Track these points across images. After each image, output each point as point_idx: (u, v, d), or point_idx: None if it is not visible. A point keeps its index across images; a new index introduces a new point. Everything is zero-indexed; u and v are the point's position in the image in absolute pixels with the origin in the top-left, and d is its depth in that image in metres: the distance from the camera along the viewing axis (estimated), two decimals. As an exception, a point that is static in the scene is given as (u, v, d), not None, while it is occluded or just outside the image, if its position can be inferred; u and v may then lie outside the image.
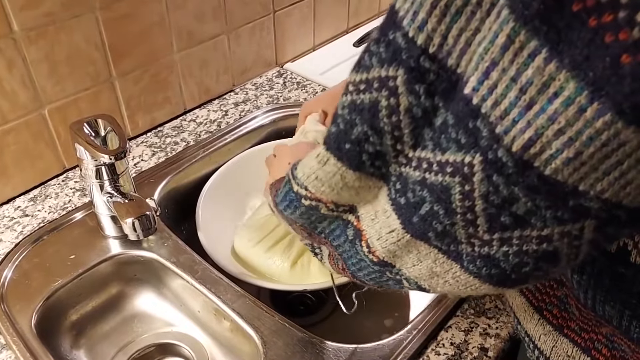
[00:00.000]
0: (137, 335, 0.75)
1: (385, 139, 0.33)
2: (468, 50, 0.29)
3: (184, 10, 0.90)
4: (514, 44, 0.26)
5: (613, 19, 0.23)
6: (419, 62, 0.30)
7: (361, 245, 0.39)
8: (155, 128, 0.95)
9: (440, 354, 0.62)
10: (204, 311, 0.72)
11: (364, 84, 0.33)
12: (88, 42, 0.80)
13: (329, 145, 0.36)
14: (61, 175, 0.85)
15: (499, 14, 0.27)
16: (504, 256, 0.32)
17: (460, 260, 0.34)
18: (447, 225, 0.32)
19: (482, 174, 0.29)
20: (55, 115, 0.81)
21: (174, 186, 0.85)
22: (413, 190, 0.33)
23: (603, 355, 0.44)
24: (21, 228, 0.76)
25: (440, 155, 0.31)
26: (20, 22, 0.72)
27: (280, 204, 0.44)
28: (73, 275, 0.70)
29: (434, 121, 0.31)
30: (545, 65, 0.25)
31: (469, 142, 0.29)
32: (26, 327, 0.64)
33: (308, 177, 0.38)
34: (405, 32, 0.30)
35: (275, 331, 0.64)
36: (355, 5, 1.25)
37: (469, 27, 0.29)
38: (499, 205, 0.29)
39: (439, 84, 0.30)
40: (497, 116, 0.27)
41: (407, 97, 0.31)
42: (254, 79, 1.09)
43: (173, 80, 0.94)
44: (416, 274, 0.37)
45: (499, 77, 0.27)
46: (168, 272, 0.73)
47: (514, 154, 0.27)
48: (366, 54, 0.33)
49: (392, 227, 0.36)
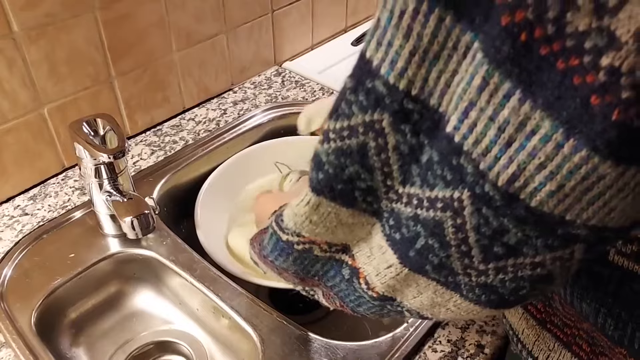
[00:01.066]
0: (136, 333, 0.75)
1: (376, 175, 0.34)
2: (448, 90, 0.30)
3: (183, 10, 0.90)
4: (489, 86, 0.27)
5: (579, 63, 0.24)
6: (402, 105, 0.31)
7: (359, 282, 0.39)
8: (154, 127, 0.96)
9: (437, 351, 0.62)
10: (203, 309, 0.73)
11: (347, 130, 0.33)
12: (88, 42, 0.80)
13: (319, 190, 0.36)
14: (60, 174, 0.86)
15: (474, 57, 0.28)
16: (500, 283, 0.33)
17: (460, 290, 0.35)
18: (443, 257, 0.33)
19: (471, 207, 0.30)
20: (55, 114, 0.81)
21: (173, 185, 0.86)
22: (407, 226, 0.34)
23: (583, 351, 0.45)
24: (21, 227, 0.77)
25: (429, 192, 0.32)
26: (20, 22, 0.72)
27: (270, 255, 0.44)
28: (72, 273, 0.71)
29: (420, 158, 0.32)
30: (520, 105, 0.26)
31: (455, 178, 0.30)
32: (26, 325, 0.65)
33: (301, 224, 0.38)
34: (385, 80, 0.31)
35: (273, 329, 0.64)
36: (353, 5, 1.25)
37: (448, 69, 0.29)
38: (490, 237, 0.30)
39: (423, 123, 0.31)
40: (479, 153, 0.28)
41: (394, 136, 0.32)
42: (252, 78, 1.09)
43: (172, 79, 0.95)
44: (417, 305, 0.38)
45: (477, 117, 0.28)
46: (167, 270, 0.73)
47: (500, 187, 0.28)
48: (342, 102, 0.33)
49: (390, 263, 0.36)
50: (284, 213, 0.40)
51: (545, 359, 0.49)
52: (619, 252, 0.37)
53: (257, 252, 0.48)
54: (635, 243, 0.36)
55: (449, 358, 0.61)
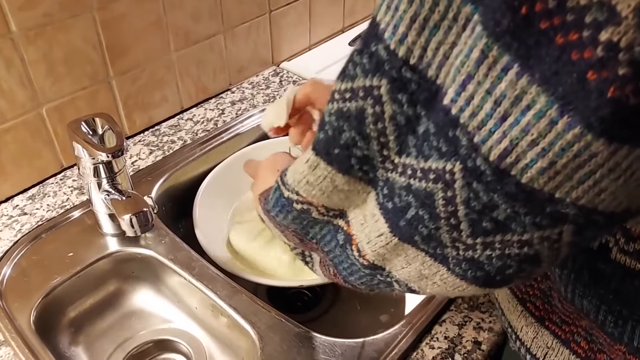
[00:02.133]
0: (135, 331, 0.75)
1: (372, 144, 0.34)
2: (446, 62, 0.30)
3: (180, 10, 0.90)
4: (487, 59, 0.27)
5: (578, 37, 0.24)
6: (400, 73, 0.31)
7: (352, 249, 0.40)
8: (153, 127, 0.96)
9: (434, 347, 0.62)
10: (201, 307, 0.73)
11: (349, 92, 0.34)
12: (86, 42, 0.81)
13: (318, 151, 0.37)
14: (59, 174, 0.86)
15: (474, 30, 0.28)
16: (487, 259, 0.33)
17: (447, 263, 0.35)
18: (432, 229, 0.33)
19: (462, 181, 0.30)
20: (53, 114, 0.82)
21: (171, 184, 0.86)
22: (399, 195, 0.34)
23: (582, 348, 0.45)
24: (20, 226, 0.77)
25: (423, 162, 0.32)
26: (18, 22, 0.72)
27: (272, 210, 0.44)
28: (71, 272, 0.71)
29: (416, 129, 0.32)
30: (517, 79, 0.26)
31: (449, 150, 0.30)
32: (25, 324, 0.65)
33: (299, 182, 0.39)
34: (386, 44, 0.31)
35: (271, 327, 0.64)
36: (351, 5, 1.26)
37: (447, 41, 0.30)
38: (479, 211, 0.30)
39: (420, 94, 0.31)
40: (475, 126, 0.28)
41: (391, 106, 0.32)
42: (250, 78, 1.10)
43: (170, 79, 0.95)
44: (405, 276, 0.38)
45: (474, 90, 0.28)
46: (165, 269, 0.73)
47: (491, 162, 0.28)
48: (350, 64, 0.34)
49: (381, 231, 0.37)
50: (288, 168, 0.40)
51: (544, 356, 0.49)
52: (621, 250, 0.37)
53: (262, 206, 0.48)
54: (637, 241, 0.36)
55: (446, 354, 0.61)
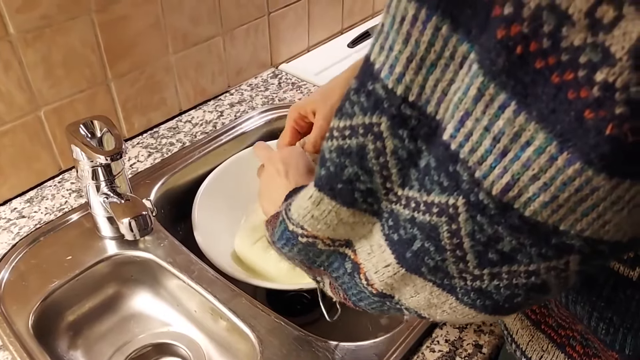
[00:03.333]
0: (134, 335, 0.75)
1: (375, 178, 0.34)
2: (445, 99, 0.30)
3: (179, 12, 0.90)
4: (484, 97, 0.27)
5: (574, 77, 0.24)
6: (400, 110, 0.31)
7: (360, 277, 0.40)
8: (151, 129, 0.96)
9: (435, 351, 0.62)
10: (201, 311, 0.73)
11: (348, 129, 0.34)
12: (84, 44, 0.80)
13: (321, 186, 0.37)
14: (57, 177, 0.86)
15: (470, 67, 0.28)
16: (495, 289, 0.33)
17: (455, 293, 0.35)
18: (438, 261, 0.33)
19: (466, 214, 0.30)
20: (52, 116, 0.81)
21: (170, 187, 0.86)
22: (404, 228, 0.34)
23: (577, 352, 0.45)
24: (18, 229, 0.77)
25: (426, 196, 0.32)
26: (16, 25, 0.72)
27: (277, 242, 0.45)
28: (70, 276, 0.71)
29: (418, 163, 0.33)
30: (515, 116, 0.26)
31: (451, 185, 0.30)
32: (23, 328, 0.65)
33: (304, 217, 0.39)
34: (384, 83, 0.31)
35: (271, 330, 0.64)
36: (349, 7, 1.26)
37: (444, 78, 0.30)
38: (485, 243, 0.30)
39: (421, 129, 0.32)
40: (475, 162, 0.28)
41: (392, 141, 0.33)
42: (249, 80, 1.09)
43: (168, 81, 0.95)
44: (415, 304, 0.38)
45: (473, 126, 0.28)
46: (164, 272, 0.73)
47: (494, 196, 0.28)
48: (347, 102, 0.34)
49: (388, 262, 0.37)
50: (292, 203, 0.41)
51: (539, 359, 0.49)
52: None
53: (269, 235, 0.48)
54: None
55: (446, 358, 0.61)
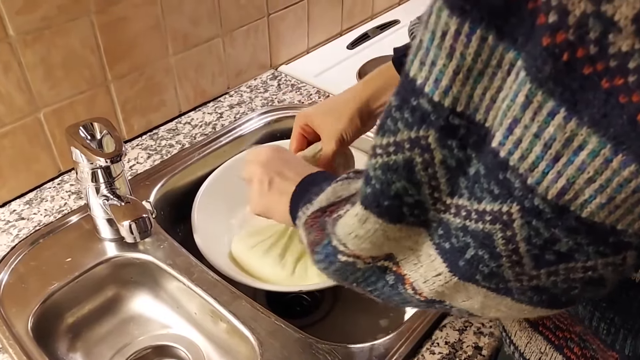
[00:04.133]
0: (134, 337, 0.75)
1: (423, 189, 0.34)
2: (494, 106, 0.30)
3: (179, 13, 0.90)
4: (532, 104, 0.27)
5: (624, 82, 0.24)
6: (448, 121, 0.31)
7: (405, 288, 0.39)
8: (151, 131, 0.96)
9: (435, 353, 0.62)
10: (201, 313, 0.72)
11: (393, 146, 0.34)
12: (84, 46, 0.80)
13: (367, 205, 0.36)
14: (57, 179, 0.86)
15: (518, 75, 0.28)
16: (552, 284, 0.33)
17: (511, 294, 0.35)
18: (493, 267, 0.33)
19: (521, 220, 0.30)
20: (51, 118, 0.81)
21: (170, 188, 0.86)
22: (456, 236, 0.34)
23: (575, 354, 0.45)
24: (17, 231, 0.76)
25: (476, 204, 0.32)
26: (16, 26, 0.72)
27: (316, 254, 0.44)
28: (69, 278, 0.71)
29: (467, 170, 0.33)
30: (566, 123, 0.26)
31: (502, 192, 0.30)
32: (22, 331, 0.65)
33: (347, 235, 0.39)
34: (429, 97, 0.31)
35: (271, 332, 0.64)
36: (349, 8, 1.26)
37: (492, 86, 0.30)
38: (542, 246, 0.30)
39: (470, 137, 0.32)
40: (526, 169, 0.28)
41: (441, 151, 0.32)
42: (248, 82, 1.09)
43: (168, 83, 0.95)
44: (467, 307, 0.38)
45: (522, 133, 0.28)
46: (164, 274, 0.73)
47: (550, 201, 0.28)
48: (388, 119, 0.34)
49: (439, 271, 0.36)
50: (340, 218, 0.40)
51: None
52: None
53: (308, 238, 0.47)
54: None
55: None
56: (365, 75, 1.13)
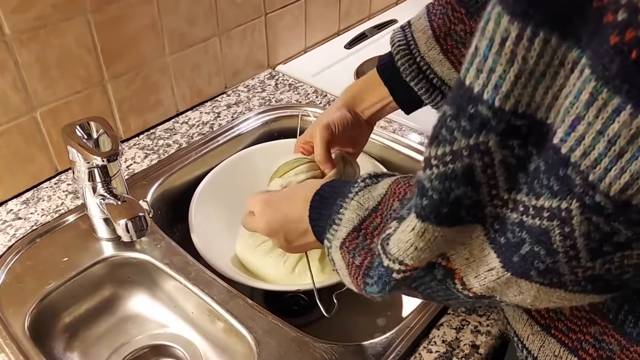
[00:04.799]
0: (131, 337, 0.75)
1: (482, 189, 0.34)
2: (556, 103, 0.30)
3: (175, 13, 0.90)
4: (597, 101, 0.27)
5: None
6: (509, 123, 0.31)
7: (454, 283, 0.39)
8: (148, 130, 0.96)
9: (432, 351, 0.62)
10: (198, 312, 0.72)
11: (449, 155, 0.34)
12: (80, 45, 0.80)
13: (425, 217, 0.36)
14: (53, 178, 0.85)
15: (582, 72, 0.28)
16: (606, 272, 0.33)
17: (565, 287, 0.35)
18: (549, 263, 0.33)
19: (581, 217, 0.30)
20: (47, 118, 0.81)
21: (167, 188, 0.86)
22: (512, 231, 0.34)
23: (590, 355, 0.45)
24: (14, 231, 0.76)
25: (535, 200, 0.32)
26: (11, 25, 0.72)
27: (368, 279, 0.43)
28: (66, 277, 0.70)
29: (527, 166, 0.33)
30: (632, 119, 0.27)
31: (562, 189, 0.30)
32: (19, 330, 0.64)
33: (406, 251, 0.38)
34: (489, 104, 0.31)
35: (268, 331, 0.64)
36: (346, 8, 1.26)
37: (555, 84, 0.30)
38: (600, 240, 0.31)
39: (531, 135, 0.32)
40: (588, 165, 0.29)
41: (501, 152, 0.32)
42: (246, 81, 1.09)
43: (165, 82, 0.95)
44: (518, 301, 0.38)
45: (585, 130, 0.28)
46: (161, 273, 0.73)
47: (612, 197, 0.29)
48: (443, 129, 0.33)
49: (491, 266, 0.36)
50: (391, 237, 0.40)
51: None
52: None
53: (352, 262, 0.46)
54: None
55: (443, 358, 0.61)
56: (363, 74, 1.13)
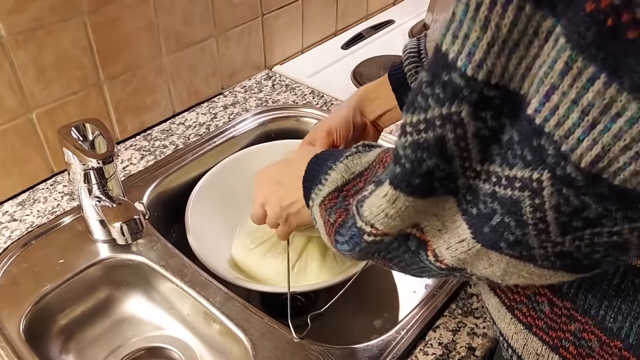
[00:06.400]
0: (127, 339, 0.75)
1: (455, 162, 0.34)
2: (529, 74, 0.30)
3: (172, 13, 0.90)
4: (572, 70, 0.27)
5: None
6: (482, 94, 0.31)
7: (427, 254, 0.39)
8: (144, 131, 0.95)
9: (428, 354, 0.62)
10: (194, 314, 0.72)
11: (423, 123, 0.33)
12: (76, 46, 0.80)
13: (397, 184, 0.36)
14: (49, 180, 0.85)
15: (556, 42, 0.28)
16: (576, 249, 0.33)
17: (534, 261, 0.35)
18: (519, 235, 0.33)
19: (551, 188, 0.30)
20: (43, 119, 0.81)
21: (163, 189, 0.86)
22: (484, 202, 0.34)
23: (570, 353, 0.46)
24: (9, 233, 0.76)
25: (507, 171, 0.32)
26: (7, 27, 0.72)
27: (339, 237, 0.43)
28: (62, 279, 0.70)
29: (500, 137, 0.32)
30: (606, 89, 0.26)
31: (535, 159, 0.30)
32: (14, 333, 0.64)
33: (377, 216, 0.38)
34: (462, 72, 0.31)
35: (264, 333, 0.64)
36: (343, 8, 1.26)
37: (529, 54, 0.29)
38: (570, 214, 0.30)
39: (504, 106, 0.31)
40: (561, 135, 0.28)
41: (474, 124, 0.32)
42: (242, 82, 1.09)
43: (162, 83, 0.94)
44: (488, 274, 0.38)
45: (559, 100, 0.28)
46: (157, 275, 0.73)
47: (583, 169, 0.28)
48: (419, 96, 0.33)
49: (462, 237, 0.36)
50: (366, 199, 0.39)
51: None
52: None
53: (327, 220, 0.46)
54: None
55: (440, 361, 0.61)
56: (360, 76, 1.13)
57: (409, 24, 1.32)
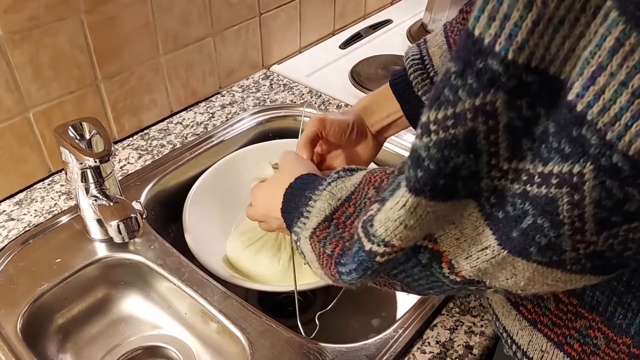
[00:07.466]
0: (124, 338, 0.75)
1: (482, 158, 0.31)
2: (572, 55, 0.28)
3: (169, 13, 0.90)
4: (623, 47, 0.25)
5: None
6: (521, 79, 0.29)
7: (440, 267, 0.37)
8: (142, 131, 0.95)
9: (426, 352, 0.62)
10: (191, 313, 0.72)
11: (451, 119, 0.31)
12: (73, 45, 0.80)
13: (419, 190, 0.33)
14: (47, 179, 0.85)
15: (607, 17, 0.26)
16: (608, 247, 0.31)
17: (563, 266, 0.33)
18: (552, 237, 0.31)
19: (594, 181, 0.28)
20: (40, 118, 0.81)
21: (161, 189, 0.85)
22: (513, 204, 0.32)
23: (575, 350, 0.45)
24: (7, 232, 0.76)
25: (541, 167, 0.30)
26: (4, 26, 0.72)
27: (343, 267, 0.41)
28: (59, 278, 0.70)
29: (533, 130, 0.30)
30: None
31: (575, 151, 0.28)
32: (11, 332, 0.64)
33: (394, 230, 0.35)
34: (501, 56, 0.28)
35: (262, 332, 0.64)
36: (341, 8, 1.26)
37: (573, 34, 0.28)
38: (610, 208, 0.29)
39: (541, 94, 0.29)
40: (606, 122, 0.26)
41: (508, 114, 0.30)
42: (240, 81, 1.09)
43: (159, 82, 0.94)
44: (509, 285, 0.36)
45: (606, 82, 0.26)
46: (155, 274, 0.73)
47: (631, 157, 0.27)
48: (446, 89, 0.31)
49: (486, 244, 0.34)
50: (375, 218, 0.36)
51: (540, 359, 0.49)
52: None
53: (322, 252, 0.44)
54: None
55: (437, 359, 0.61)
56: (358, 75, 1.13)
57: (407, 23, 1.32)
